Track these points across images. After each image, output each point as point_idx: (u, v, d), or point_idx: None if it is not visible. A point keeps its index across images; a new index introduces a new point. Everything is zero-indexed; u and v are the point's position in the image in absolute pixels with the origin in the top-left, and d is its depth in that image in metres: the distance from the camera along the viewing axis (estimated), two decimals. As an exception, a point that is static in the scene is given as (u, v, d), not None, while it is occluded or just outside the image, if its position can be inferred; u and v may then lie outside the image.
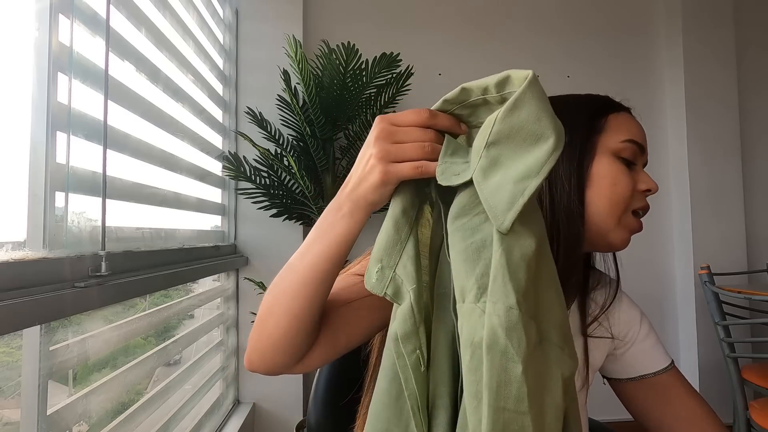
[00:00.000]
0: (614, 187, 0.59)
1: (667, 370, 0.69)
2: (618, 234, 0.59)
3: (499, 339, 0.34)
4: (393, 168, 0.42)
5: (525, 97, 0.35)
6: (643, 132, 0.63)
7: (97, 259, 0.77)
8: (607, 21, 2.25)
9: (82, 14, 0.80)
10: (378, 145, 0.43)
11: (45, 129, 0.71)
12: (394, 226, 0.43)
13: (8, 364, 0.68)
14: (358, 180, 0.44)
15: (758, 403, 1.51)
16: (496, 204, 0.35)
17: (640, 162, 0.63)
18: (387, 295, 0.41)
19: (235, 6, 1.84)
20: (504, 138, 0.36)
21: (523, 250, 0.35)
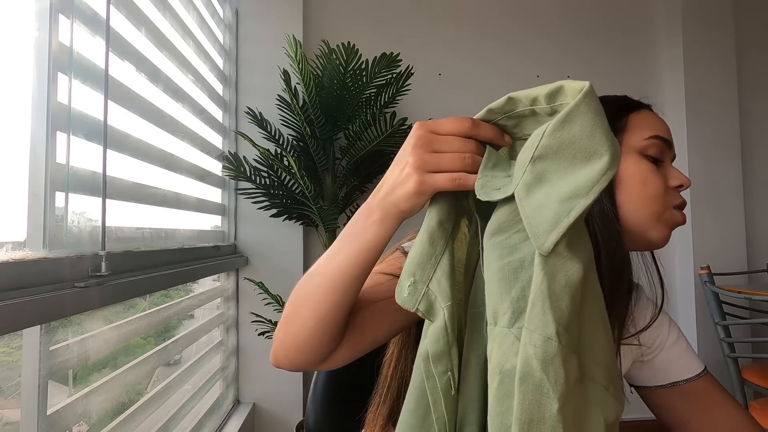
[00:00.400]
0: (645, 186, 0.57)
1: (701, 376, 0.65)
2: (658, 231, 0.58)
3: (534, 371, 0.31)
4: (429, 178, 0.40)
5: (579, 110, 0.32)
6: (666, 127, 0.62)
7: (97, 259, 0.77)
8: (607, 21, 2.25)
9: (82, 14, 0.80)
10: (415, 153, 0.41)
11: (45, 129, 0.71)
12: (429, 239, 0.40)
13: (8, 364, 0.68)
14: (391, 186, 0.43)
15: (758, 403, 1.51)
16: (539, 223, 0.32)
17: (668, 158, 0.61)
18: (419, 311, 0.39)
19: (235, 6, 1.84)
20: (552, 153, 0.33)
21: (569, 276, 0.32)
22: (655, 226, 0.57)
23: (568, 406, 0.31)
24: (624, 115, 0.61)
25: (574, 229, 0.32)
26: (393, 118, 1.59)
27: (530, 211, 0.33)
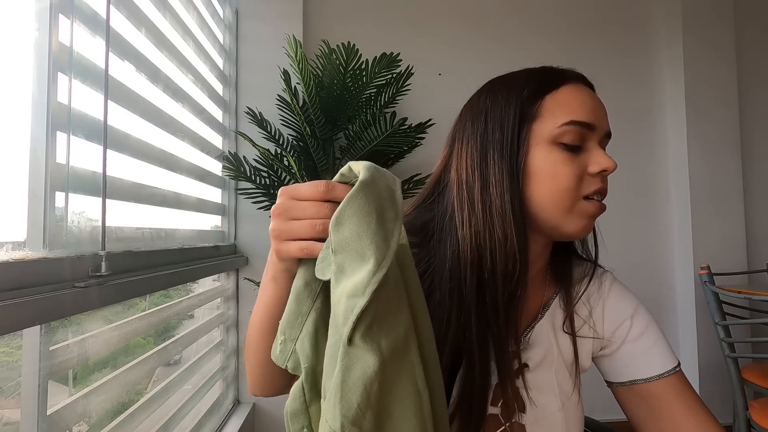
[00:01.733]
0: (553, 180, 0.53)
1: (664, 377, 0.59)
2: (572, 224, 0.54)
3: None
4: (283, 246, 0.42)
5: (346, 213, 0.34)
6: (592, 104, 0.55)
7: (97, 259, 0.77)
8: (607, 20, 2.25)
9: (82, 14, 0.80)
10: (274, 221, 0.42)
11: (45, 129, 0.71)
12: (295, 300, 0.41)
13: (8, 364, 0.68)
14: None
15: (758, 403, 1.51)
16: (337, 315, 0.34)
17: (592, 140, 0.55)
18: (288, 368, 0.41)
19: (235, 6, 1.84)
20: (341, 249, 0.35)
21: (365, 368, 0.32)
22: (566, 220, 0.54)
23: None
24: (538, 99, 0.54)
25: (369, 320, 0.32)
26: (393, 118, 1.59)
27: (334, 301, 0.35)
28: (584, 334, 0.63)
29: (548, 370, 0.59)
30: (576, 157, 0.54)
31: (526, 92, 0.55)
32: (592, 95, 0.56)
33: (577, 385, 0.62)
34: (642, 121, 2.24)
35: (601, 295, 0.64)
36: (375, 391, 0.32)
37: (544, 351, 0.59)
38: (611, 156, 0.55)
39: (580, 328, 0.62)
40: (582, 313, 0.63)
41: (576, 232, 0.55)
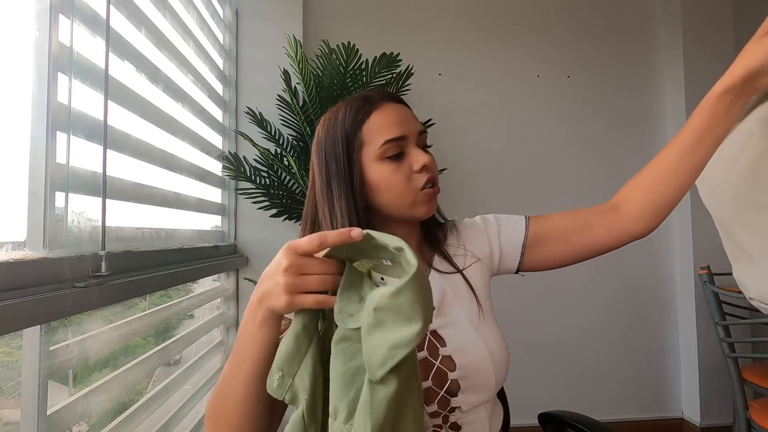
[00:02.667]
0: (389, 189, 0.67)
1: (529, 224, 0.77)
2: (419, 211, 0.69)
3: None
4: (297, 299, 0.48)
5: (407, 288, 0.43)
6: (399, 118, 0.68)
7: (97, 259, 0.77)
8: (607, 21, 2.25)
9: (82, 14, 0.80)
10: (285, 276, 0.48)
11: (45, 129, 0.71)
12: (295, 341, 0.49)
13: (8, 364, 0.68)
14: (265, 293, 0.50)
15: (758, 403, 1.51)
16: (372, 360, 0.43)
17: (409, 144, 0.68)
18: (286, 400, 0.49)
19: (235, 6, 1.84)
20: (388, 309, 0.43)
21: (388, 393, 0.43)
22: (413, 210, 0.69)
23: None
24: (358, 131, 0.67)
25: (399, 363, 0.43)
26: (393, 118, 1.59)
27: (368, 349, 0.43)
28: (470, 263, 0.76)
29: (452, 306, 0.72)
30: (401, 163, 0.67)
31: (348, 127, 0.68)
32: (398, 109, 0.69)
33: (482, 309, 0.73)
34: (642, 122, 2.24)
35: (460, 234, 0.80)
36: (393, 407, 0.43)
37: (440, 295, 0.72)
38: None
39: (467, 263, 0.76)
40: (459, 252, 0.77)
41: (424, 214, 0.70)
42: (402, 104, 0.71)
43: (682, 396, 2.18)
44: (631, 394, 2.14)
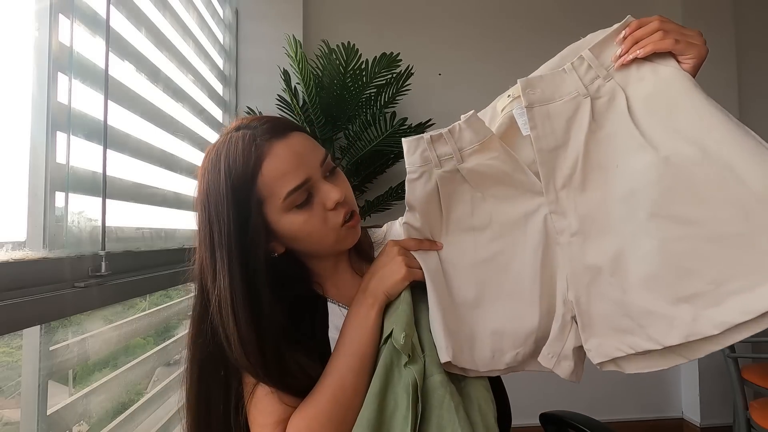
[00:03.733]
0: (309, 237, 0.62)
1: None
2: (344, 243, 0.66)
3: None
4: (412, 271, 0.64)
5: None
6: (294, 161, 0.59)
7: (97, 259, 0.77)
8: (607, 21, 2.24)
9: (82, 14, 0.80)
10: (402, 258, 0.64)
11: (45, 129, 0.70)
12: (410, 309, 0.63)
13: (8, 364, 0.68)
14: (380, 278, 0.64)
15: (758, 403, 1.51)
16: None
17: (316, 183, 0.61)
18: (408, 355, 0.58)
19: (235, 6, 1.84)
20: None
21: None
22: (339, 245, 0.66)
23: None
24: (251, 189, 0.58)
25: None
26: (393, 118, 1.59)
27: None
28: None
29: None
30: (312, 206, 0.61)
31: (237, 187, 0.58)
32: (290, 145, 0.60)
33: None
34: (642, 121, 2.24)
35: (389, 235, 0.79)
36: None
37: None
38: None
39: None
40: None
41: (350, 245, 0.68)
42: (293, 132, 0.62)
43: (682, 396, 2.18)
44: (631, 394, 2.14)
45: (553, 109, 0.62)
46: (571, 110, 0.62)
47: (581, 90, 0.62)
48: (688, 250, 0.54)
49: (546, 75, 0.64)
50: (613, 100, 0.61)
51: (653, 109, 0.60)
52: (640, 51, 0.59)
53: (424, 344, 0.63)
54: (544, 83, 0.63)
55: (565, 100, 0.62)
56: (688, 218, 0.54)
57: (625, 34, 0.62)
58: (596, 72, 0.62)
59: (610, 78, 0.62)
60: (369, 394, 0.58)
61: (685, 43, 0.60)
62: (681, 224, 0.55)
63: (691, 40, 0.61)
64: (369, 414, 0.56)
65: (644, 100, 0.60)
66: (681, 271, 0.54)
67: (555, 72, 0.64)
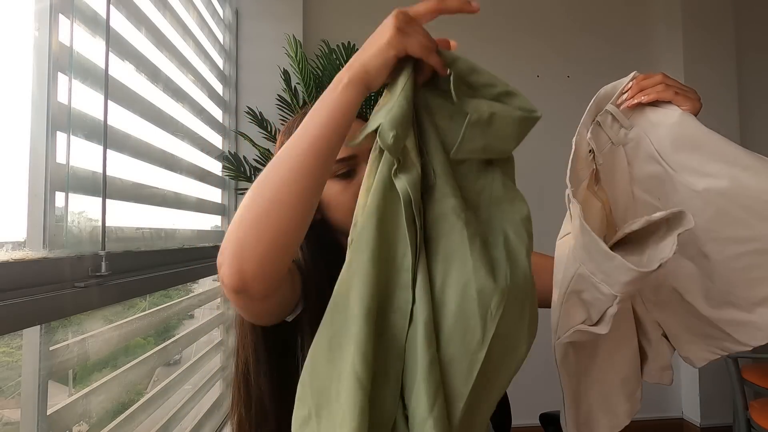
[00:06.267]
0: (338, 208, 0.66)
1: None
2: None
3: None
4: (404, 38, 0.46)
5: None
6: (351, 135, 0.62)
7: (97, 259, 0.77)
8: (607, 21, 2.25)
9: (82, 14, 0.80)
10: (395, 22, 0.47)
11: (45, 129, 0.70)
12: (407, 103, 0.48)
13: (8, 364, 0.68)
14: (363, 49, 0.48)
15: (758, 403, 1.51)
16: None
17: (361, 163, 0.66)
18: (399, 157, 0.47)
19: (235, 6, 1.84)
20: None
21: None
22: None
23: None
24: None
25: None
26: (393, 118, 1.59)
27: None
28: None
29: None
30: (350, 181, 0.66)
31: None
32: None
33: None
34: (642, 121, 2.24)
35: None
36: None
37: None
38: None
39: None
40: None
41: None
42: (357, 120, 0.64)
43: (682, 396, 2.18)
44: (631, 394, 2.13)
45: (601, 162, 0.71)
46: (610, 160, 0.70)
47: (613, 139, 0.71)
48: (750, 263, 0.62)
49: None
50: (639, 144, 0.69)
51: (679, 147, 0.67)
52: (645, 97, 0.67)
53: (434, 164, 0.50)
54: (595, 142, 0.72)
55: (604, 152, 0.71)
56: (741, 237, 0.62)
57: (633, 84, 0.70)
58: (621, 122, 0.70)
59: (632, 126, 0.70)
60: (366, 214, 0.47)
61: (683, 96, 0.67)
62: (737, 243, 0.62)
63: (688, 94, 0.67)
64: (368, 234, 0.46)
65: (665, 140, 0.67)
66: (749, 281, 0.62)
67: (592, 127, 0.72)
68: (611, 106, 0.70)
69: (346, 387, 0.42)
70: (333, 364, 0.44)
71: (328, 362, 0.45)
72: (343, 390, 0.42)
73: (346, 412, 0.41)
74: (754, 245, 0.61)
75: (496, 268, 0.46)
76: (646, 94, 0.67)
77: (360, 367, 0.42)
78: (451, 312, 0.45)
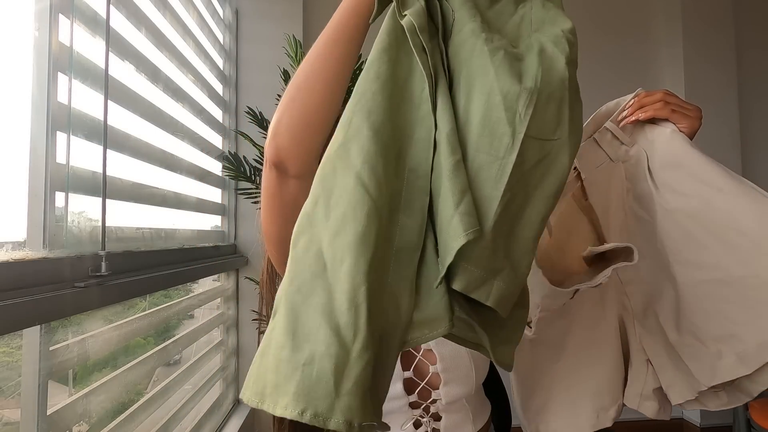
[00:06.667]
0: None
1: None
2: None
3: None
4: None
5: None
6: None
7: (97, 259, 0.77)
8: (607, 22, 2.25)
9: (82, 14, 0.80)
10: None
11: (45, 129, 0.70)
12: None
13: (8, 364, 0.68)
14: None
15: (758, 403, 1.51)
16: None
17: None
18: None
19: (235, 6, 1.84)
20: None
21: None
22: None
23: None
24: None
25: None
26: (393, 118, 1.59)
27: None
28: None
29: None
30: None
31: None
32: None
33: None
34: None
35: None
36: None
37: None
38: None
39: None
40: None
41: None
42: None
43: (682, 396, 2.18)
44: (631, 394, 2.14)
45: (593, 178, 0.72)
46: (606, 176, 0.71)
47: (612, 156, 0.71)
48: (711, 293, 0.60)
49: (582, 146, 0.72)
50: (639, 161, 0.70)
51: (663, 165, 0.67)
52: (642, 114, 0.68)
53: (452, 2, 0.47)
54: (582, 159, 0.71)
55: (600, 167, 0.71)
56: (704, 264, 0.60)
57: (634, 101, 0.72)
58: (621, 140, 0.71)
59: (634, 143, 0.70)
60: (374, 52, 0.46)
61: (680, 114, 0.68)
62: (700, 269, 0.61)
63: (687, 112, 0.68)
64: (377, 68, 0.44)
65: (657, 158, 0.68)
66: (709, 313, 0.60)
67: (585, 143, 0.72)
68: (611, 124, 0.71)
69: (348, 191, 0.39)
70: (323, 184, 0.41)
71: (318, 183, 0.42)
72: (340, 201, 0.39)
73: (348, 217, 0.38)
74: (716, 274, 0.59)
75: (524, 73, 0.42)
76: (644, 111, 0.69)
77: (367, 175, 0.39)
78: (475, 124, 0.41)
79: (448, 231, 0.38)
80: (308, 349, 0.35)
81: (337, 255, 0.37)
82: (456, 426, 0.69)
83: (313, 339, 0.35)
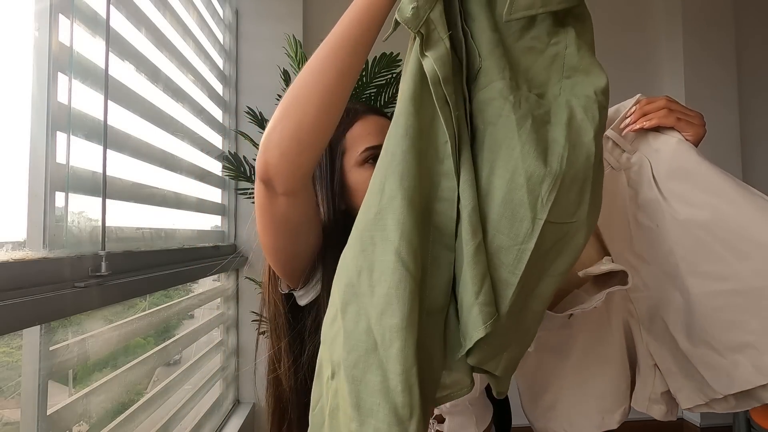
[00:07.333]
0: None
1: None
2: None
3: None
4: None
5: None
6: (380, 128, 0.69)
7: (97, 259, 0.77)
8: (607, 21, 2.25)
9: (82, 14, 0.80)
10: None
11: (45, 129, 0.70)
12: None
13: (8, 364, 0.68)
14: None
15: (758, 403, 1.51)
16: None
17: None
18: (420, 33, 0.43)
19: (235, 6, 1.84)
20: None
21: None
22: None
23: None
24: (341, 138, 0.70)
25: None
26: (393, 118, 1.59)
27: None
28: None
29: None
30: None
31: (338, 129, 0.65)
32: (379, 120, 0.72)
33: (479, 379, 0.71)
34: (642, 121, 2.24)
35: None
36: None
37: None
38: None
39: None
40: None
41: None
42: (384, 118, 0.74)
43: (682, 396, 2.18)
44: (631, 394, 2.13)
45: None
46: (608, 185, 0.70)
47: (613, 164, 0.70)
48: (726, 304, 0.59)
49: None
50: (642, 168, 0.69)
51: (670, 175, 0.66)
52: (647, 123, 0.67)
53: (480, 45, 0.45)
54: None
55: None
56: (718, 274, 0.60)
57: (636, 108, 0.70)
58: (622, 147, 0.70)
59: (635, 150, 0.70)
60: (401, 100, 0.44)
61: (685, 122, 0.67)
62: (714, 280, 0.60)
63: (691, 120, 0.67)
64: (404, 120, 0.42)
65: (663, 167, 0.67)
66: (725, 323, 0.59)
67: None
68: (612, 132, 0.70)
69: (390, 268, 0.39)
70: (364, 255, 0.42)
71: (359, 253, 0.42)
72: (383, 278, 0.40)
73: (392, 297, 0.39)
74: (731, 285, 0.59)
75: (550, 150, 0.41)
76: (649, 119, 0.67)
77: (405, 251, 0.39)
78: (497, 202, 0.42)
79: (469, 317, 0.41)
80: (373, 425, 0.39)
81: (386, 336, 0.39)
82: (459, 428, 0.70)
83: (375, 416, 0.39)
